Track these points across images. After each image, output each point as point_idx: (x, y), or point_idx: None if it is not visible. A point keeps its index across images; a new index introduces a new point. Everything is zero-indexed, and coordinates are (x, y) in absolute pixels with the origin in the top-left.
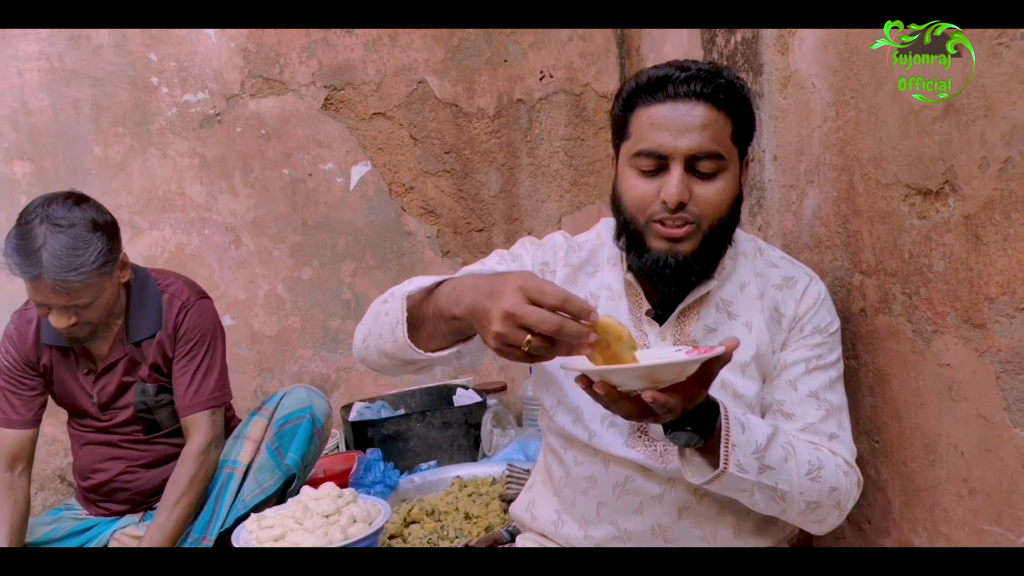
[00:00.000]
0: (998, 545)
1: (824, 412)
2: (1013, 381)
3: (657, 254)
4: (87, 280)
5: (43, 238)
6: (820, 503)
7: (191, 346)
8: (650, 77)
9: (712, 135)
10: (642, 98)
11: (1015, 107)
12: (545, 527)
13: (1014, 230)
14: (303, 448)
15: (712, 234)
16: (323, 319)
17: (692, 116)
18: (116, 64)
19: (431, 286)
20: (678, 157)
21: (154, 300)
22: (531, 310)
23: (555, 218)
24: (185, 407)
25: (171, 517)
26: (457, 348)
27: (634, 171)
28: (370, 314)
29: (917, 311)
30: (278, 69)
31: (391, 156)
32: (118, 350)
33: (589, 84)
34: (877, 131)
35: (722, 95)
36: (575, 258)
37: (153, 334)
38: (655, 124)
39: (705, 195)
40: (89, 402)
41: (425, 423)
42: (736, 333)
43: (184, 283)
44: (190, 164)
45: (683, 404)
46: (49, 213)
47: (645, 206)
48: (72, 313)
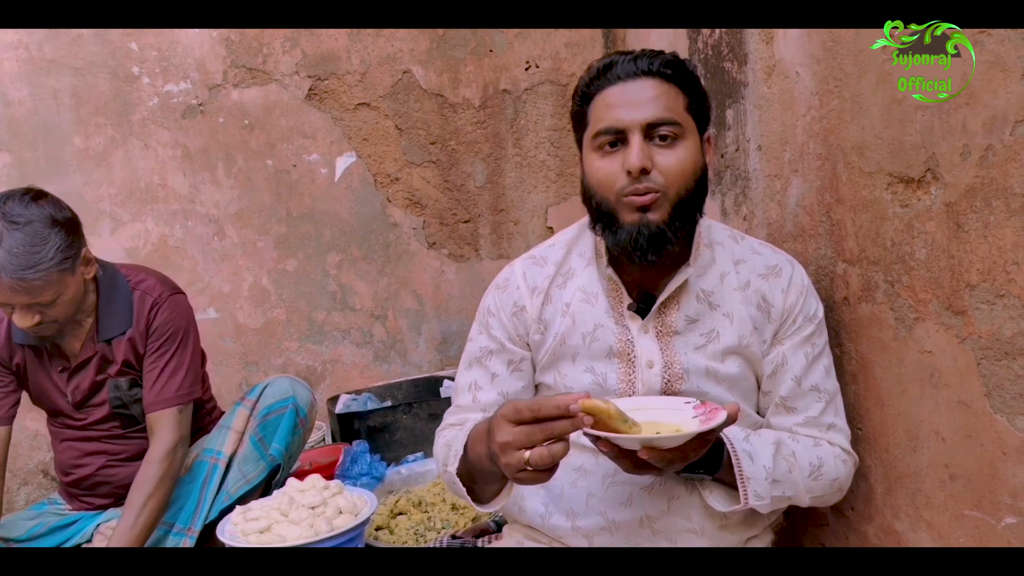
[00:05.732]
0: (978, 530)
1: (823, 404)
2: (993, 367)
3: (629, 227)
4: (46, 277)
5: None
6: (824, 495)
7: (162, 342)
8: (598, 66)
9: (665, 104)
10: (594, 87)
11: (996, 95)
12: (532, 519)
13: (994, 217)
14: (287, 438)
15: (680, 205)
16: (308, 311)
17: (643, 90)
18: (96, 54)
19: (464, 447)
20: (635, 128)
21: (124, 297)
22: (518, 431)
23: (541, 209)
24: (151, 403)
25: (138, 521)
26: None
27: (596, 153)
28: (440, 470)
29: (899, 299)
30: (261, 59)
31: (376, 147)
32: (89, 348)
33: (575, 74)
34: (860, 120)
35: (669, 70)
36: (541, 278)
37: (123, 331)
38: (609, 104)
39: (667, 162)
40: (64, 401)
41: (412, 415)
42: (717, 323)
43: (156, 279)
44: (172, 155)
45: (683, 463)
46: (5, 211)
47: (612, 183)
48: (35, 312)
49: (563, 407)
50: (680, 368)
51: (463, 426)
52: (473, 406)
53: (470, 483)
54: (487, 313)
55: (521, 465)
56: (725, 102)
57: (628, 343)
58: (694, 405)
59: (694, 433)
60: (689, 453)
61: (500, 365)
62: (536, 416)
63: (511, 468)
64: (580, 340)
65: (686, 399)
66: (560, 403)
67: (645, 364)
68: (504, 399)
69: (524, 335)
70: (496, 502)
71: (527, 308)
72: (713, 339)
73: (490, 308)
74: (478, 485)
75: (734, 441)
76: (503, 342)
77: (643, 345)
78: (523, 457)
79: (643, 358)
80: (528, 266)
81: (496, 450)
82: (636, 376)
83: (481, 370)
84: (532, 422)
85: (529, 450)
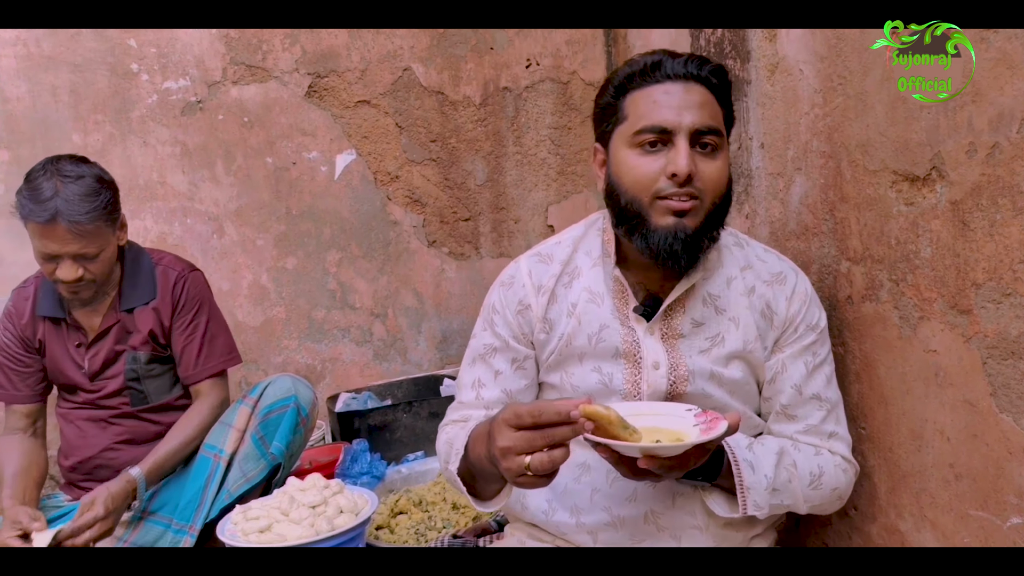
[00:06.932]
0: (984, 530)
1: (824, 412)
2: (999, 366)
3: (665, 230)
4: (96, 226)
5: (55, 188)
6: (822, 503)
7: (193, 315)
8: (645, 62)
9: (711, 112)
10: (636, 82)
11: (1002, 92)
12: (535, 516)
13: (1001, 215)
14: (288, 437)
15: (714, 214)
16: (308, 309)
17: (692, 94)
18: (95, 50)
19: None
20: (683, 131)
21: (147, 270)
22: (518, 436)
23: (542, 207)
24: (195, 374)
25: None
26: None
27: (635, 150)
28: (441, 467)
29: (904, 298)
30: (261, 56)
31: (376, 144)
32: (109, 318)
33: (576, 72)
34: (864, 117)
35: (714, 78)
36: (547, 277)
37: (146, 302)
38: (656, 102)
39: (709, 171)
40: (79, 373)
41: (412, 413)
42: (723, 328)
43: (174, 257)
44: (171, 152)
45: (682, 471)
46: (59, 168)
47: (650, 183)
48: (80, 265)
49: (564, 413)
50: (686, 371)
51: (466, 424)
52: (476, 403)
53: (471, 482)
54: (491, 310)
55: (521, 470)
56: None
57: (634, 344)
58: (695, 413)
59: (695, 443)
60: (689, 461)
61: (504, 362)
62: (537, 422)
63: (511, 473)
64: (586, 341)
65: (687, 406)
66: (561, 409)
67: (651, 365)
68: (507, 396)
69: (528, 333)
70: (496, 501)
71: (532, 307)
72: (718, 343)
73: (495, 305)
74: (479, 484)
75: (736, 450)
76: (507, 340)
77: (649, 347)
78: (524, 462)
79: (649, 359)
80: (534, 264)
81: (497, 454)
82: (642, 377)
83: (485, 367)
84: (533, 427)
85: (530, 455)
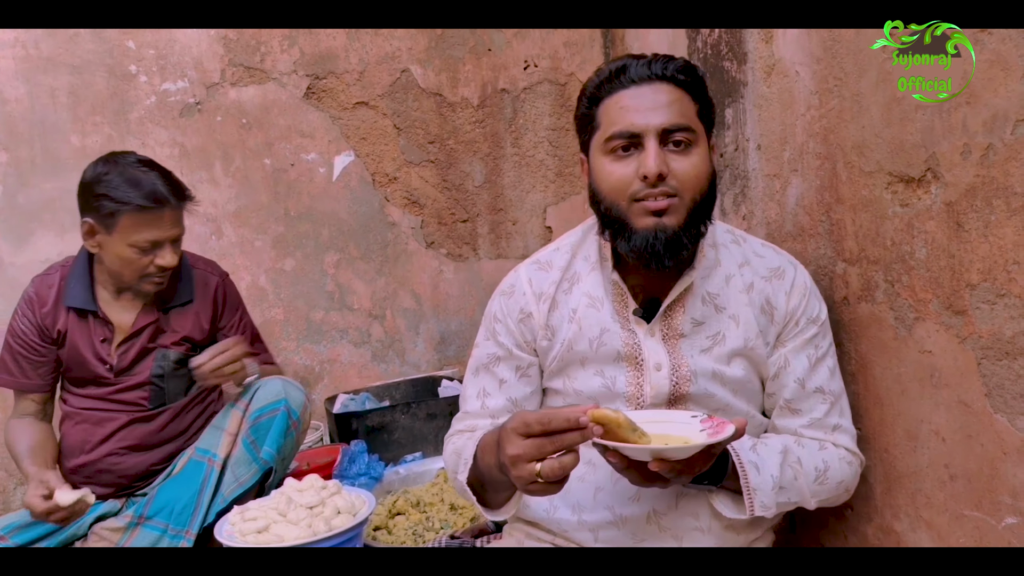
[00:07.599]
0: (979, 530)
1: (828, 405)
2: (994, 367)
3: (644, 232)
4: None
5: (144, 175)
6: (828, 497)
7: (240, 314)
8: (610, 69)
9: (680, 110)
10: (605, 89)
11: (997, 94)
12: (537, 513)
13: (995, 217)
14: (279, 441)
15: (695, 210)
16: (306, 311)
17: (658, 94)
18: (93, 52)
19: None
20: (651, 133)
21: (186, 273)
22: (528, 444)
23: (540, 208)
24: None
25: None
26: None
27: (608, 157)
28: (450, 477)
29: (899, 298)
30: (259, 57)
31: (374, 146)
32: (145, 317)
33: (574, 74)
34: (860, 119)
35: (681, 75)
36: (547, 284)
37: (185, 303)
38: (624, 107)
39: (683, 168)
40: (103, 368)
41: (410, 415)
42: (723, 326)
43: (204, 259)
44: (170, 154)
45: (690, 475)
46: (135, 159)
47: (625, 187)
48: (176, 248)
49: (572, 419)
50: (688, 371)
51: (473, 433)
52: (482, 412)
53: (480, 491)
54: (493, 319)
55: (532, 478)
56: (724, 101)
57: (635, 347)
58: (700, 419)
59: (706, 444)
60: (696, 465)
61: (508, 371)
62: (546, 429)
63: (522, 480)
64: (587, 345)
65: (692, 412)
66: (570, 415)
67: (653, 367)
68: (513, 405)
69: (531, 341)
70: (506, 509)
71: (534, 314)
72: (719, 341)
73: (496, 315)
74: (488, 493)
75: (740, 452)
76: (510, 348)
77: (650, 348)
78: (534, 470)
79: (651, 361)
80: (534, 272)
81: (506, 462)
82: (644, 379)
83: (489, 376)
84: (542, 435)
85: (540, 462)
